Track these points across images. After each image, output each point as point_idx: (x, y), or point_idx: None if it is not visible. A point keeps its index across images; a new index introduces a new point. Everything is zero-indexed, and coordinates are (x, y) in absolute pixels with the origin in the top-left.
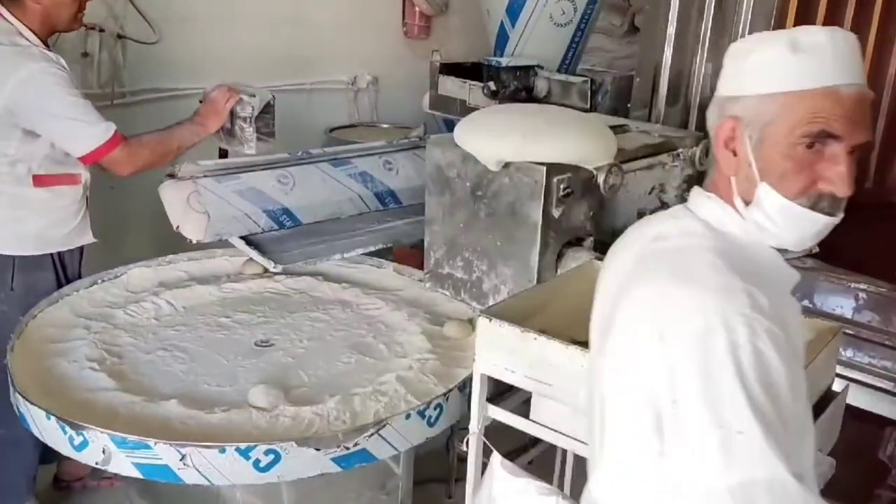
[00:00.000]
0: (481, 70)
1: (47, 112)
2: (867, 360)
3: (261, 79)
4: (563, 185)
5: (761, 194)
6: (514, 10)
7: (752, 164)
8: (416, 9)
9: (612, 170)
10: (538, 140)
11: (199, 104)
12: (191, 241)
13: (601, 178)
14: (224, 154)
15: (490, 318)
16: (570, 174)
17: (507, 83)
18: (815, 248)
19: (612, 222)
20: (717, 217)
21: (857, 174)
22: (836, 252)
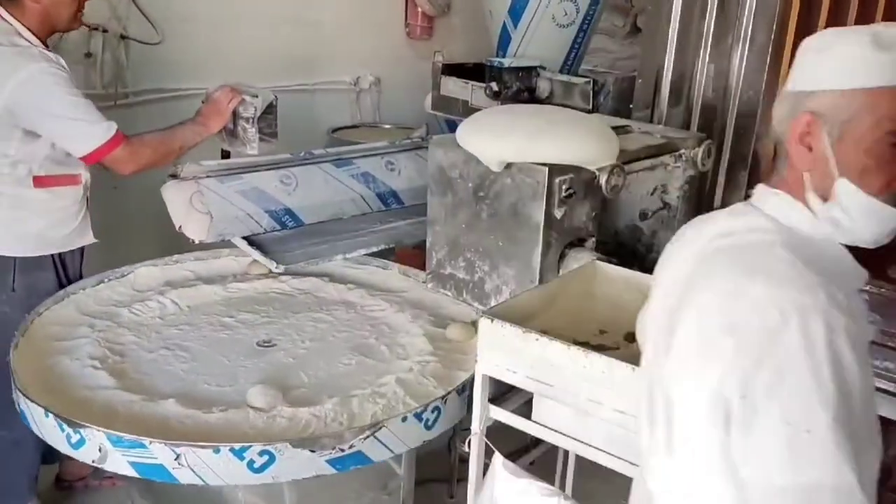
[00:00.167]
0: (483, 71)
1: (48, 112)
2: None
3: (263, 79)
4: (565, 186)
5: (840, 190)
6: (516, 11)
7: (831, 159)
8: (419, 9)
9: (615, 171)
10: (540, 141)
11: (202, 104)
12: (193, 241)
13: (603, 179)
14: (226, 155)
15: (492, 319)
16: (572, 175)
17: (510, 84)
18: None
19: (614, 223)
20: (784, 213)
21: None
22: None
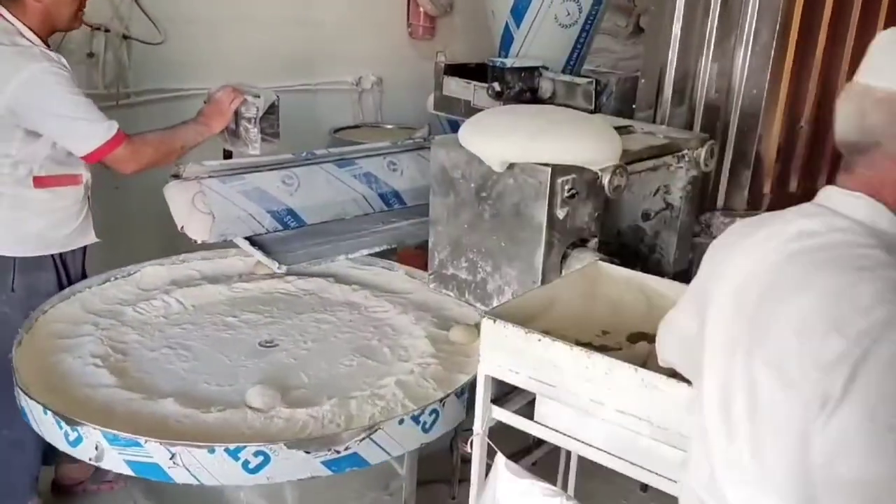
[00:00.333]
0: (486, 71)
1: (49, 112)
2: None
3: (265, 79)
4: (567, 186)
5: None
6: (518, 11)
7: None
8: (421, 9)
9: (617, 171)
10: (543, 141)
11: (204, 104)
12: (195, 241)
13: (606, 180)
14: (228, 155)
15: (494, 320)
16: (574, 175)
17: (512, 84)
18: None
19: (617, 223)
20: (866, 214)
21: None
22: None
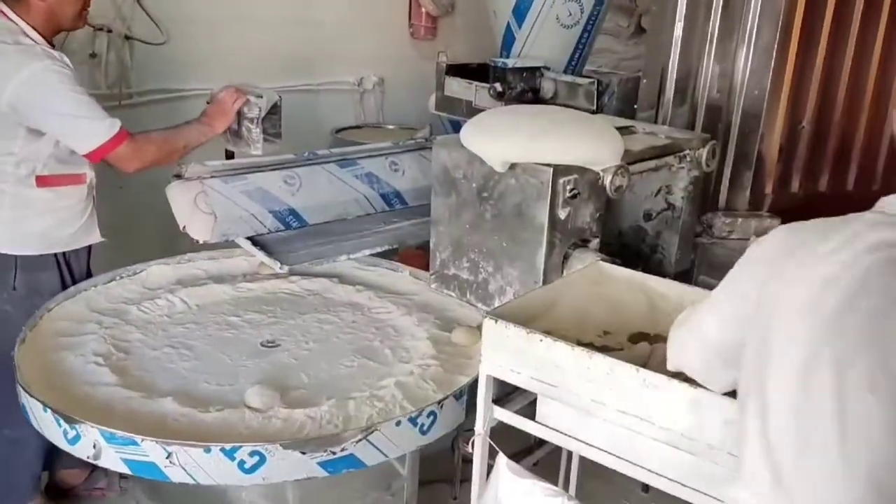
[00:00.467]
0: (487, 71)
1: (52, 110)
2: None
3: (267, 80)
4: (569, 187)
5: None
6: (520, 12)
7: None
8: (423, 10)
9: (619, 171)
10: (544, 141)
11: (207, 105)
12: (197, 241)
13: (607, 180)
14: (231, 155)
15: (496, 320)
16: (576, 175)
17: (514, 84)
18: None
19: (618, 224)
20: None
21: (864, 176)
22: None
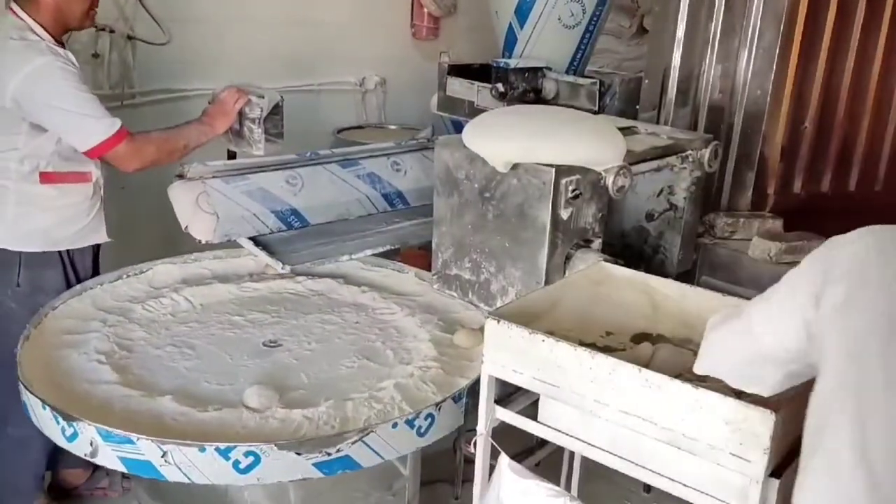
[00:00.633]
0: (489, 71)
1: (53, 105)
2: None
3: (269, 80)
4: (571, 187)
5: None
6: (522, 12)
7: None
8: (425, 10)
9: (621, 171)
10: (546, 141)
11: (208, 105)
12: (199, 241)
13: (610, 180)
14: (232, 155)
15: (498, 320)
16: (578, 176)
17: (516, 85)
18: None
19: (621, 224)
20: None
21: (866, 177)
22: None
